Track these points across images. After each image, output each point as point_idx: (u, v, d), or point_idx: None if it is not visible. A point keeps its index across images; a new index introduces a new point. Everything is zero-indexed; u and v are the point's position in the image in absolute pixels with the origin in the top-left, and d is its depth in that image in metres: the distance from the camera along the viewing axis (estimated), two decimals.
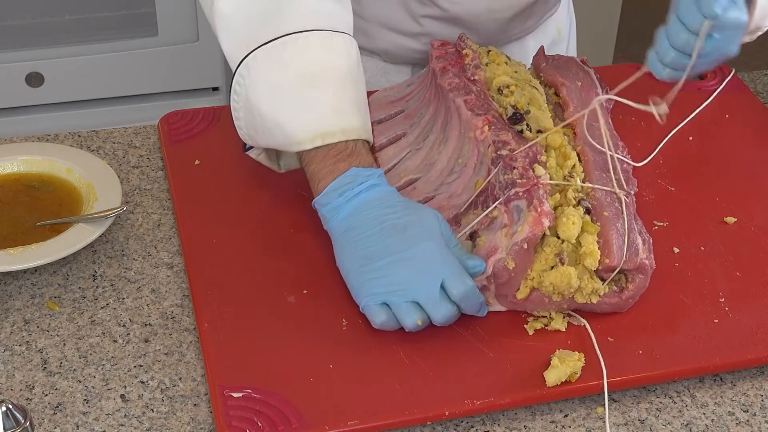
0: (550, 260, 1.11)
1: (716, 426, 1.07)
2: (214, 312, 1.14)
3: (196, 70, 2.51)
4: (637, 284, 1.13)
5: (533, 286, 1.12)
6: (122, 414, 1.06)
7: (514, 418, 1.07)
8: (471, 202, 1.18)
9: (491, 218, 1.14)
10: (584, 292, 1.12)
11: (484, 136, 1.20)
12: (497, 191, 1.14)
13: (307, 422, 1.03)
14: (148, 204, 1.31)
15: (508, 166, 1.14)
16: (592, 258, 1.10)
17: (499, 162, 1.15)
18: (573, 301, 1.13)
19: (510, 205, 1.12)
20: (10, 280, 1.20)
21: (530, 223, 1.10)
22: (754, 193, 1.33)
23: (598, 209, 1.14)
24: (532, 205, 1.10)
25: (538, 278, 1.12)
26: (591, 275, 1.12)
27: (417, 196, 1.23)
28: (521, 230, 1.10)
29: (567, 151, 1.19)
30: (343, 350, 1.10)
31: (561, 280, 1.10)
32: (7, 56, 2.39)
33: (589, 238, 1.11)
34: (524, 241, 1.10)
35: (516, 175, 1.13)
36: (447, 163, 1.25)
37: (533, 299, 1.13)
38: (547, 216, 1.10)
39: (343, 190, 1.14)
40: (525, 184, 1.12)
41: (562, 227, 1.10)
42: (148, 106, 2.49)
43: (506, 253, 1.10)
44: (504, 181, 1.14)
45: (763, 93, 1.56)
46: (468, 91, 1.26)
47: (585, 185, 1.16)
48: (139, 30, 2.44)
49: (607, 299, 1.13)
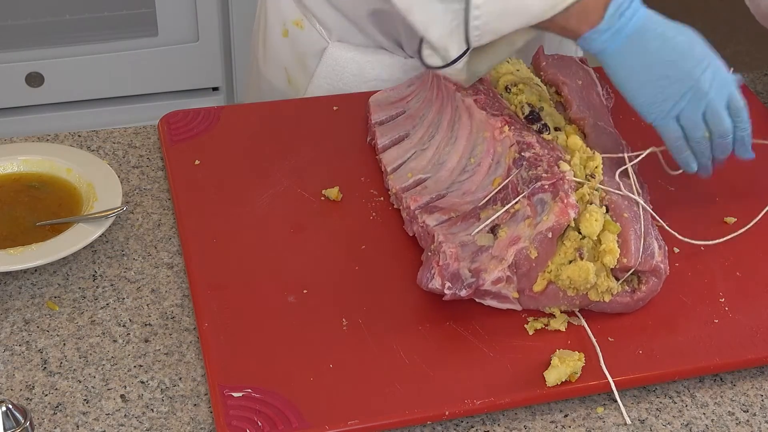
0: (569, 254, 1.12)
1: (716, 426, 1.07)
2: (214, 312, 1.14)
3: (196, 70, 2.52)
4: (650, 287, 1.14)
5: (550, 279, 1.13)
6: (122, 414, 1.06)
7: (514, 418, 1.07)
8: (490, 199, 1.18)
9: (513, 211, 1.14)
10: (599, 290, 1.13)
11: (503, 136, 1.20)
12: (520, 187, 1.15)
13: (307, 422, 1.03)
14: (148, 204, 1.31)
15: (532, 165, 1.16)
16: (611, 256, 1.11)
17: (522, 162, 1.16)
18: (586, 298, 1.13)
19: (534, 198, 1.13)
20: (10, 280, 1.20)
21: (556, 213, 1.11)
22: (754, 193, 1.33)
23: (617, 211, 1.15)
24: (558, 197, 1.11)
25: (555, 271, 1.12)
26: (607, 273, 1.13)
27: (427, 195, 1.23)
28: (547, 219, 1.11)
29: (590, 153, 1.20)
30: (343, 350, 1.10)
31: (579, 275, 1.11)
32: (7, 56, 2.39)
33: (609, 236, 1.12)
34: (549, 230, 1.10)
35: (541, 171, 1.14)
36: (458, 162, 1.25)
37: (548, 293, 1.13)
38: (573, 208, 1.11)
39: (623, 10, 1.17)
40: (551, 178, 1.13)
41: (585, 223, 1.12)
42: (148, 106, 2.50)
43: (529, 242, 1.11)
44: (528, 176, 1.15)
45: (763, 93, 1.56)
46: (476, 91, 1.27)
47: (606, 188, 1.17)
48: (139, 30, 2.44)
49: (619, 298, 1.14)
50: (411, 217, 1.22)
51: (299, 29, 1.53)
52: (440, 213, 1.20)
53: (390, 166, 1.30)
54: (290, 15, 1.53)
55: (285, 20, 1.54)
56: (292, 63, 1.55)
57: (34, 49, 2.40)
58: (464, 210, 1.19)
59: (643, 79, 1.19)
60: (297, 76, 1.55)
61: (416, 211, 1.21)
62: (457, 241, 1.15)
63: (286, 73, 1.57)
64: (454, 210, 1.20)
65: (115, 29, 2.44)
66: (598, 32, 1.18)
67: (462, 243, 1.15)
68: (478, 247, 1.14)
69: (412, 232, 1.23)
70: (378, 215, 1.27)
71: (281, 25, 1.55)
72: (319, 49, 1.51)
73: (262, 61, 1.61)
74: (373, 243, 1.23)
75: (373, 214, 1.27)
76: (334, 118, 1.43)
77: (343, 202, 1.29)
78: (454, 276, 1.11)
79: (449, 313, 1.14)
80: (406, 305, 1.16)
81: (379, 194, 1.30)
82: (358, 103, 1.42)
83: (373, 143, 1.36)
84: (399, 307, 1.15)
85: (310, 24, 1.51)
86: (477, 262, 1.13)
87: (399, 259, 1.21)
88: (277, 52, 1.57)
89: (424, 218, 1.20)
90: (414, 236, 1.23)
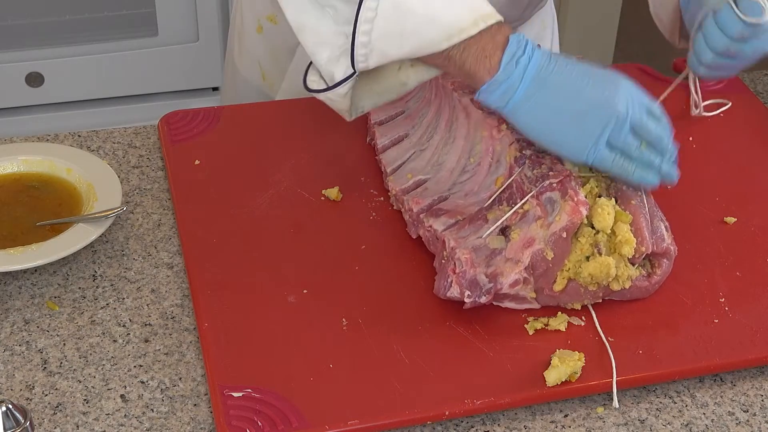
0: (586, 250, 1.12)
1: (716, 426, 1.07)
2: (214, 312, 1.14)
3: (196, 70, 2.52)
4: (664, 269, 1.16)
5: (570, 276, 1.13)
6: (122, 414, 1.06)
7: (514, 418, 1.07)
8: (495, 199, 1.18)
9: (523, 212, 1.14)
10: (620, 280, 1.14)
11: (502, 134, 1.20)
12: (526, 186, 1.15)
13: (307, 422, 1.03)
14: (148, 204, 1.31)
15: (535, 163, 1.15)
16: (628, 246, 1.12)
17: (524, 161, 1.16)
18: (608, 289, 1.14)
19: (542, 197, 1.13)
20: (10, 280, 1.20)
21: (568, 212, 1.11)
22: (754, 193, 1.33)
23: (625, 199, 1.16)
24: (567, 195, 1.12)
25: (574, 269, 1.13)
26: (626, 262, 1.14)
27: (429, 197, 1.23)
28: (559, 219, 1.11)
29: None
30: (343, 350, 1.10)
31: (600, 270, 1.12)
32: (7, 56, 2.39)
33: (623, 227, 1.13)
34: (563, 230, 1.11)
35: (545, 169, 1.15)
36: (457, 162, 1.25)
37: (569, 291, 1.14)
38: (583, 205, 1.11)
39: (517, 57, 1.12)
40: (557, 176, 1.13)
41: (597, 218, 1.12)
42: (148, 106, 2.50)
43: (544, 243, 1.11)
44: (534, 175, 1.15)
45: (763, 93, 1.56)
46: (473, 90, 1.26)
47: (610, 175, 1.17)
48: (139, 30, 2.44)
49: (638, 283, 1.15)
50: (414, 219, 1.22)
51: (273, 25, 1.52)
52: (446, 216, 1.20)
53: (390, 166, 1.30)
54: (264, 10, 1.53)
55: (259, 16, 1.54)
56: (267, 58, 1.55)
57: (34, 49, 2.40)
58: (470, 212, 1.19)
59: (561, 122, 1.13)
60: (271, 72, 1.55)
61: (420, 215, 1.21)
62: (470, 245, 1.15)
63: (260, 68, 1.56)
64: (460, 212, 1.20)
65: (115, 29, 2.44)
66: (496, 83, 1.12)
67: (474, 247, 1.14)
68: (491, 250, 1.14)
69: (416, 234, 1.22)
70: (378, 215, 1.27)
71: (256, 21, 1.55)
72: (292, 44, 1.49)
73: (237, 56, 1.61)
74: (373, 243, 1.23)
75: (373, 214, 1.27)
76: (334, 118, 1.42)
77: (343, 202, 1.29)
78: (472, 283, 1.11)
79: (449, 313, 1.14)
80: (406, 305, 1.16)
81: (379, 194, 1.30)
82: None
83: (372, 143, 1.36)
84: (399, 307, 1.15)
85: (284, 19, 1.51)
86: (492, 266, 1.13)
87: (399, 258, 1.21)
88: (251, 47, 1.57)
89: (430, 222, 1.20)
90: (415, 237, 1.23)
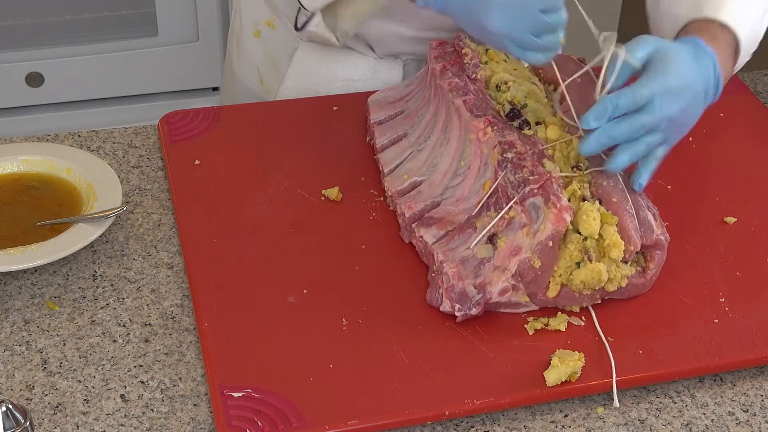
0: (575, 256, 1.12)
1: (716, 426, 1.07)
2: (214, 312, 1.14)
3: (196, 70, 2.52)
4: (657, 261, 1.15)
5: (562, 282, 1.13)
6: (122, 414, 1.06)
7: (514, 418, 1.07)
8: (483, 205, 1.18)
9: (509, 219, 1.14)
10: (615, 281, 1.13)
11: (487, 137, 1.20)
12: (510, 191, 1.15)
13: (307, 422, 1.03)
14: (148, 204, 1.31)
15: (517, 167, 1.15)
16: (617, 249, 1.12)
17: (506, 165, 1.16)
18: (604, 290, 1.14)
19: (526, 203, 1.13)
20: (10, 280, 1.20)
21: (552, 221, 1.10)
22: (754, 193, 1.33)
23: (607, 198, 1.15)
24: (550, 202, 1.11)
25: (565, 275, 1.12)
26: (617, 264, 1.13)
27: (422, 202, 1.23)
28: (544, 228, 1.11)
29: (568, 139, 1.20)
30: (343, 350, 1.10)
31: (592, 277, 1.11)
32: (7, 56, 2.39)
33: (609, 229, 1.12)
34: (549, 238, 1.10)
35: (527, 173, 1.14)
36: (450, 165, 1.25)
37: (564, 296, 1.13)
38: (567, 211, 1.11)
39: None
40: (538, 180, 1.13)
41: (583, 224, 1.12)
42: (148, 106, 2.50)
43: (531, 252, 1.11)
44: (516, 180, 1.14)
45: (763, 93, 1.56)
46: (466, 91, 1.26)
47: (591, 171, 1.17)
48: (139, 30, 2.45)
49: (634, 280, 1.15)
50: (406, 225, 1.22)
51: (271, 29, 1.53)
52: (437, 227, 1.20)
53: (387, 166, 1.30)
54: (262, 15, 1.53)
55: (257, 21, 1.54)
56: (264, 63, 1.55)
57: (34, 49, 2.40)
58: (459, 220, 1.19)
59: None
60: (269, 76, 1.55)
61: (413, 224, 1.21)
62: (458, 257, 1.15)
63: (258, 73, 1.57)
64: (450, 222, 1.20)
65: (115, 29, 2.44)
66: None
67: (462, 259, 1.14)
68: (479, 260, 1.14)
69: (408, 239, 1.22)
70: (378, 215, 1.27)
71: (253, 26, 1.55)
72: (290, 49, 1.51)
73: (236, 61, 1.61)
74: (373, 243, 1.23)
75: (373, 214, 1.27)
76: (334, 118, 1.43)
77: (343, 202, 1.29)
78: (461, 296, 1.11)
79: (449, 313, 1.14)
80: (406, 305, 1.16)
81: (379, 194, 1.30)
82: (358, 103, 1.42)
83: (372, 143, 1.36)
84: (399, 307, 1.15)
85: (282, 24, 1.51)
86: (480, 276, 1.13)
87: (399, 258, 1.21)
88: (249, 52, 1.57)
89: (421, 233, 1.20)
90: (408, 242, 1.23)
